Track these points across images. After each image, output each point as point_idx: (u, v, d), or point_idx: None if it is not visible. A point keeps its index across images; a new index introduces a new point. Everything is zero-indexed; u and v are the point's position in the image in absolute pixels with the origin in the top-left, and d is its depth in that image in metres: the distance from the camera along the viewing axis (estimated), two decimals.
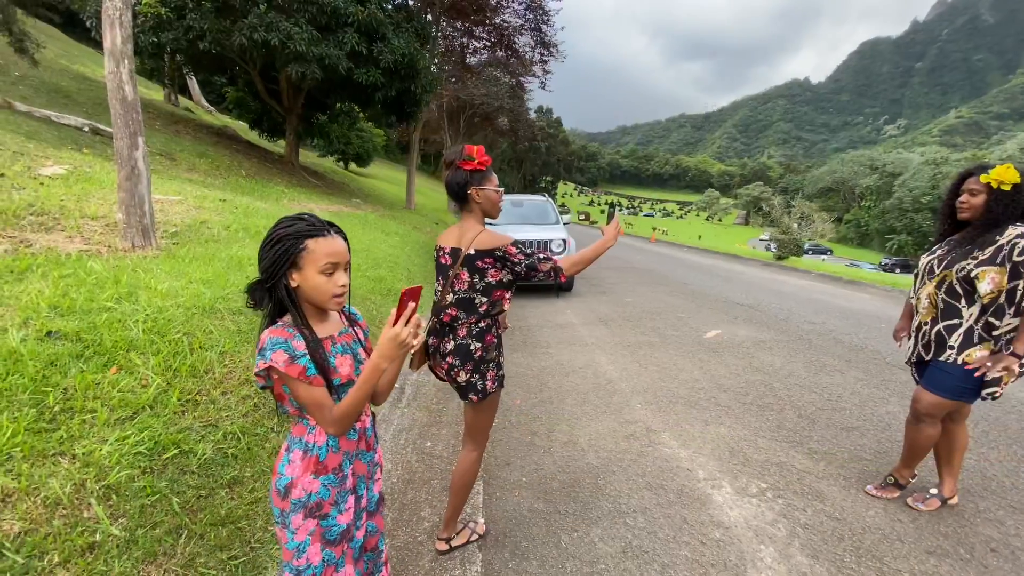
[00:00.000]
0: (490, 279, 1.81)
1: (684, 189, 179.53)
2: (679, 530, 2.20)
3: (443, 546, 2.02)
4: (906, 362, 2.46)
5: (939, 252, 2.33)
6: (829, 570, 1.97)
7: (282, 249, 1.09)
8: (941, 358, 2.22)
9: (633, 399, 3.68)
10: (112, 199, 4.61)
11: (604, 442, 3.00)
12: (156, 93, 19.27)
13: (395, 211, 15.72)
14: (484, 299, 1.82)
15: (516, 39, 20.16)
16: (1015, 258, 2.03)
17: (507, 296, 1.88)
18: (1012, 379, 2.09)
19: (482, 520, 2.21)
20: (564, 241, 7.70)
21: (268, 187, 10.28)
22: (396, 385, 3.72)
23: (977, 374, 2.11)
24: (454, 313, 1.84)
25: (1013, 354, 2.07)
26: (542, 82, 22.46)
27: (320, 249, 1.11)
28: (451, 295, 1.85)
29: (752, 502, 2.43)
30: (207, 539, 1.76)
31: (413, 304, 1.12)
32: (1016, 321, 2.07)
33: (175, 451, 1.97)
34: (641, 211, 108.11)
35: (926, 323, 2.31)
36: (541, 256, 1.80)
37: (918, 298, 2.38)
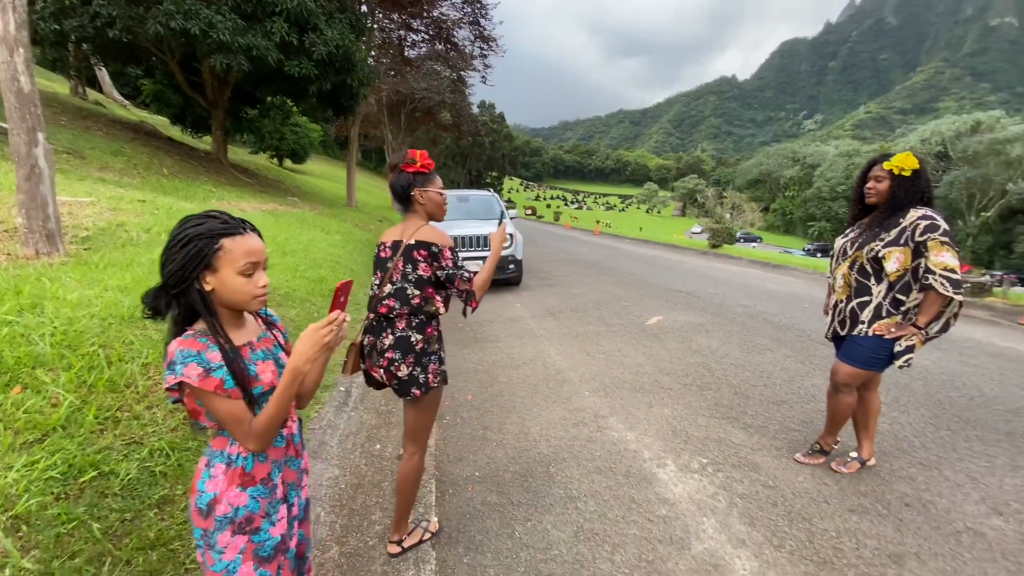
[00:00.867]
0: (421, 272, 1.80)
1: (625, 183, 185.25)
2: (628, 510, 2.28)
3: (395, 548, 1.98)
4: (825, 337, 2.67)
5: (851, 235, 2.54)
6: (764, 535, 2.11)
7: (194, 250, 1.01)
8: (855, 332, 2.43)
9: (582, 387, 3.77)
10: (10, 202, 4.15)
11: (555, 431, 3.05)
12: (61, 86, 17.49)
13: (335, 209, 15.17)
14: (416, 292, 1.80)
15: (455, 33, 19.97)
16: (917, 238, 2.24)
17: (438, 298, 1.85)
18: (920, 347, 2.31)
19: (435, 518, 2.19)
20: (511, 236, 7.73)
21: (194, 186, 9.62)
22: (341, 388, 3.61)
23: (886, 336, 2.31)
24: (391, 304, 1.80)
25: (914, 325, 2.29)
26: (483, 76, 22.40)
27: (238, 248, 1.04)
28: (389, 286, 1.82)
29: (694, 477, 2.55)
30: (135, 565, 1.64)
31: (343, 299, 1.08)
32: (921, 296, 2.29)
33: (93, 473, 1.81)
34: (586, 205, 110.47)
35: (842, 301, 2.51)
36: (465, 275, 1.82)
37: (834, 278, 2.58)
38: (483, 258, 7.41)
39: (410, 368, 1.79)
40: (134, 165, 9.35)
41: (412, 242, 1.81)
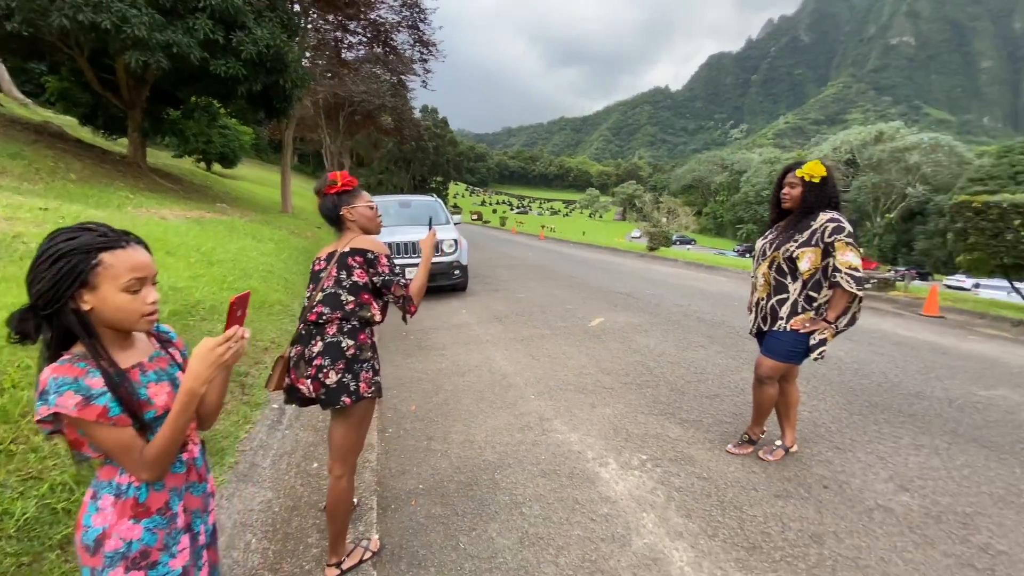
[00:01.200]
0: (356, 278, 1.78)
1: (568, 188, 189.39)
2: (572, 511, 2.31)
3: (333, 572, 1.89)
4: (750, 333, 2.84)
5: (770, 237, 2.72)
6: (700, 525, 2.21)
7: (67, 267, 0.91)
8: (775, 328, 2.60)
9: (527, 391, 3.79)
10: None
11: (500, 437, 3.04)
12: None
13: (269, 215, 14.45)
14: (351, 297, 1.77)
15: (394, 36, 19.67)
16: (826, 239, 2.44)
17: (375, 305, 1.82)
18: (831, 340, 2.51)
19: (376, 536, 2.12)
20: (456, 242, 7.68)
21: (107, 192, 8.84)
22: (275, 406, 3.42)
23: (801, 331, 2.50)
24: (321, 310, 1.75)
25: (826, 319, 2.49)
26: (423, 81, 22.20)
27: (120, 263, 0.95)
28: (320, 294, 1.78)
29: (635, 474, 2.63)
30: None
31: (241, 313, 1.02)
32: (831, 292, 2.49)
33: None
34: (531, 210, 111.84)
35: (763, 299, 2.68)
36: (402, 281, 1.84)
37: (756, 277, 2.75)
38: None
39: (340, 375, 1.72)
40: (36, 170, 8.47)
41: (347, 249, 1.81)
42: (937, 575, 1.89)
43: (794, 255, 2.51)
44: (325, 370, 1.71)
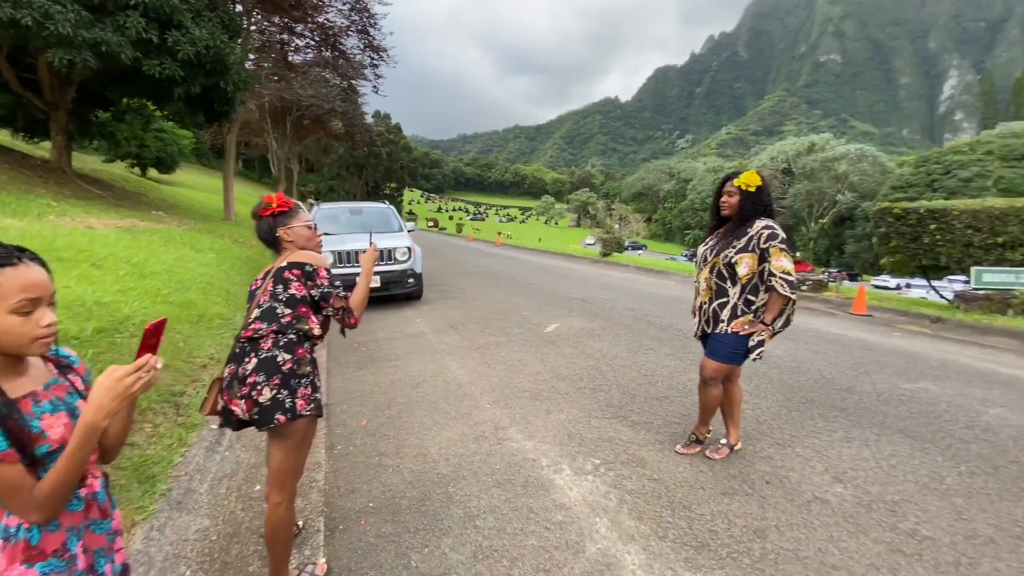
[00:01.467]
0: (293, 291, 1.74)
1: (524, 195, 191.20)
2: (526, 521, 2.29)
3: None
4: (694, 336, 2.94)
5: (711, 243, 2.83)
6: (651, 527, 2.24)
7: None
8: (717, 331, 2.70)
9: (482, 400, 3.76)
10: None
11: (454, 448, 2.99)
12: None
13: (210, 223, 13.74)
14: (287, 310, 1.71)
15: (343, 40, 19.26)
16: (761, 245, 2.56)
17: (314, 319, 1.76)
18: (768, 341, 2.63)
19: (323, 560, 2.02)
20: (409, 249, 7.55)
21: (26, 200, 8.14)
22: (213, 427, 3.23)
23: (741, 333, 2.61)
24: (257, 326, 1.68)
25: (763, 322, 2.61)
26: (374, 86, 21.84)
27: (10, 283, 0.87)
28: (256, 310, 1.71)
29: (588, 479, 2.65)
30: None
31: (155, 341, 0.95)
32: (767, 296, 2.61)
33: None
34: (487, 216, 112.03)
35: (705, 302, 2.78)
36: (342, 293, 1.82)
37: (699, 282, 2.85)
38: (380, 273, 7.16)
39: (274, 391, 1.63)
40: None
41: (283, 264, 1.77)
42: (870, 562, 2.00)
43: (733, 261, 2.62)
44: (259, 387, 1.62)
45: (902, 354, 5.27)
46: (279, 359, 1.65)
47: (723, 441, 2.96)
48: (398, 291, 7.47)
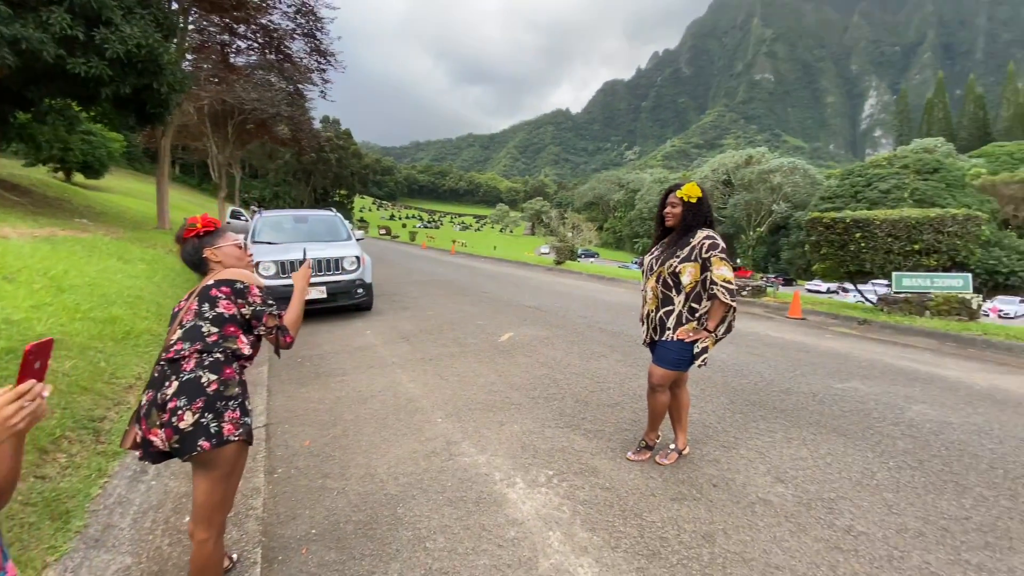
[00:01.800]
0: (221, 310, 1.62)
1: (479, 204, 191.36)
2: (478, 539, 2.23)
3: None
4: (643, 343, 2.98)
5: (656, 253, 2.88)
6: (604, 538, 2.23)
7: None
8: (664, 338, 2.75)
9: (434, 414, 3.66)
10: None
11: (404, 466, 2.88)
12: None
13: (142, 232, 12.84)
14: (214, 329, 1.59)
15: (288, 43, 18.63)
16: (703, 255, 2.64)
17: (243, 340, 1.64)
18: (712, 347, 2.71)
19: None
20: (358, 259, 7.32)
21: None
22: (136, 453, 2.95)
23: (686, 340, 2.66)
24: (178, 347, 1.55)
25: (706, 329, 2.68)
26: (322, 91, 21.25)
27: None
28: (179, 331, 1.58)
29: (541, 491, 2.61)
30: None
31: (40, 365, 0.83)
32: (710, 304, 2.68)
33: None
34: (441, 224, 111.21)
35: (652, 311, 2.83)
36: (275, 311, 1.73)
37: (646, 291, 2.90)
38: (326, 283, 6.90)
39: (197, 415, 1.49)
40: None
41: (210, 282, 1.66)
42: (810, 560, 2.07)
43: (677, 270, 2.68)
44: (180, 412, 1.48)
45: (834, 355, 5.60)
46: (203, 380, 1.52)
47: (672, 446, 3.01)
48: (346, 302, 7.21)
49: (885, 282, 8.78)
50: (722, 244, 2.65)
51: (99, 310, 4.77)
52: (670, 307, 2.72)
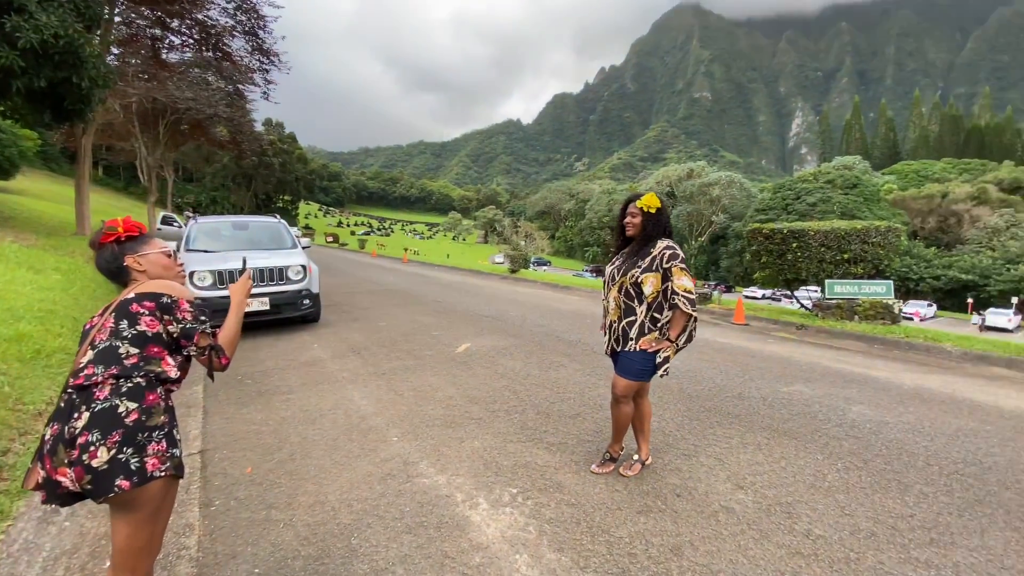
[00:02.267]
0: (144, 327, 1.41)
1: (431, 211, 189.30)
2: (441, 568, 2.09)
3: None
4: (605, 353, 2.96)
5: (617, 263, 2.87)
6: (572, 558, 2.15)
7: None
8: (627, 349, 2.73)
9: (390, 432, 3.47)
10: None
11: (358, 492, 2.69)
12: None
13: (58, 238, 11.70)
14: (134, 350, 1.39)
15: (227, 41, 17.70)
16: (664, 265, 2.65)
17: (169, 362, 1.45)
18: (673, 356, 2.72)
19: None
20: (304, 268, 6.96)
21: None
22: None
23: (649, 350, 2.66)
24: (89, 371, 1.33)
25: (668, 338, 2.69)
26: (265, 92, 20.31)
27: None
28: (90, 352, 1.36)
29: (506, 511, 2.51)
30: None
31: None
32: (671, 313, 2.69)
33: None
34: (392, 232, 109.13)
35: (615, 321, 2.81)
36: (209, 330, 1.53)
37: (608, 301, 2.88)
38: (269, 294, 6.50)
39: (114, 450, 1.28)
40: None
41: (130, 295, 1.45)
42: (775, 567, 2.09)
43: (639, 280, 2.68)
44: (93, 448, 1.27)
45: (777, 359, 5.86)
46: (121, 410, 1.31)
47: (635, 457, 3.00)
48: (291, 314, 6.83)
49: (815, 288, 9.36)
50: (681, 254, 2.67)
51: (4, 326, 4.23)
52: (632, 317, 2.71)
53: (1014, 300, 33.71)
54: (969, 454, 3.21)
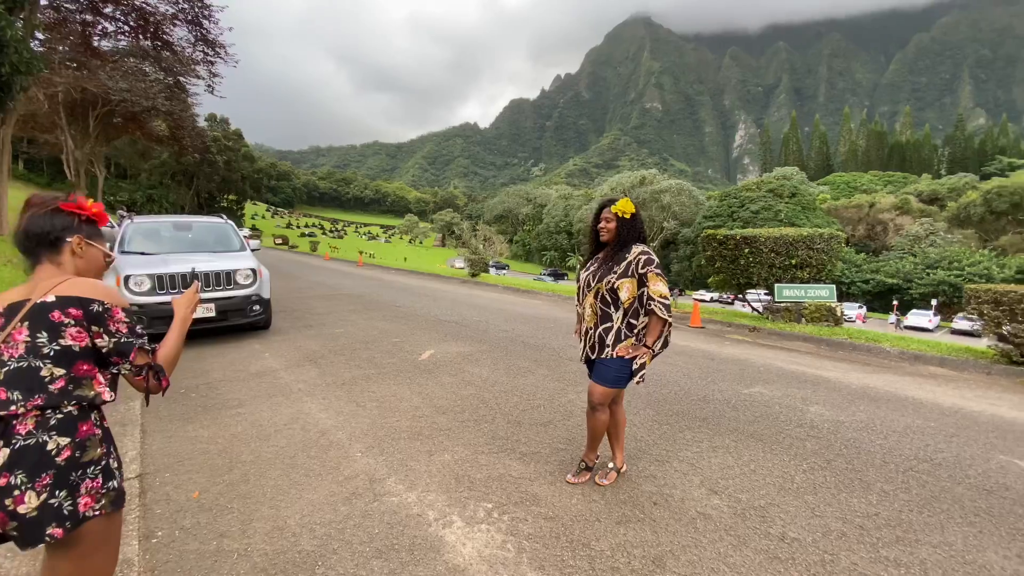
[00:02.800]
0: (69, 341, 1.20)
1: (386, 213, 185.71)
2: None
3: None
4: (580, 360, 2.91)
5: (592, 268, 2.83)
6: None
7: None
8: (603, 356, 2.69)
9: (353, 448, 3.27)
10: None
11: (321, 514, 2.49)
12: None
13: None
14: (59, 371, 1.17)
15: (168, 29, 16.64)
16: (640, 271, 2.62)
17: (102, 381, 1.25)
18: (650, 363, 2.69)
19: None
20: (253, 271, 6.55)
21: None
22: None
23: (626, 357, 2.62)
24: (3, 397, 1.12)
25: (645, 344, 2.66)
26: (209, 85, 19.24)
27: None
28: None
29: (482, 528, 2.39)
30: None
31: None
32: (648, 319, 2.67)
33: None
34: (345, 234, 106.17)
35: (591, 328, 2.76)
36: (147, 345, 1.33)
37: (583, 307, 2.83)
38: (216, 300, 6.07)
39: (44, 495, 1.10)
40: None
41: (50, 299, 1.20)
42: (756, 574, 2.08)
43: (615, 286, 2.65)
44: (19, 492, 1.07)
45: (735, 361, 6.04)
46: (51, 447, 1.11)
47: (610, 465, 2.95)
48: (239, 321, 6.41)
49: (764, 292, 9.78)
50: (656, 259, 2.66)
51: None
52: (609, 323, 2.67)
53: (934, 302, 36.74)
54: (919, 451, 3.38)
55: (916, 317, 33.29)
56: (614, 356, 2.65)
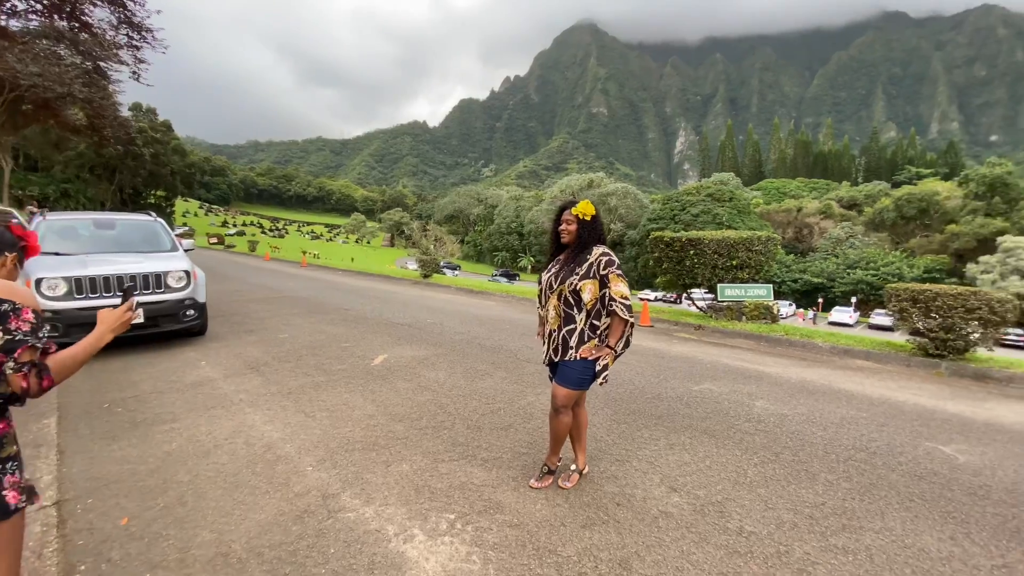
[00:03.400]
0: None
1: (330, 212, 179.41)
2: None
3: None
4: (543, 363, 2.88)
5: (553, 270, 2.81)
6: None
7: None
8: (567, 358, 2.67)
9: (303, 461, 3.08)
10: None
11: (270, 536, 2.32)
12: None
13: None
14: None
15: (87, 10, 15.24)
16: (601, 272, 2.63)
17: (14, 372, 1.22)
18: (612, 363, 2.70)
19: None
20: (187, 273, 6.08)
21: None
22: None
23: (590, 358, 2.62)
24: None
25: (607, 345, 2.67)
26: (135, 71, 17.78)
27: None
28: None
29: (445, 541, 2.30)
30: None
31: None
32: (610, 320, 2.68)
33: None
34: (287, 233, 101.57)
35: (554, 330, 2.74)
36: (39, 344, 1.28)
37: (546, 310, 2.80)
38: (143, 304, 5.59)
39: None
40: None
41: None
42: (718, 570, 2.12)
43: (578, 287, 2.64)
44: None
45: (684, 359, 6.25)
46: None
47: (572, 467, 2.95)
48: (172, 327, 5.93)
49: (707, 291, 10.23)
50: (617, 260, 2.68)
51: None
52: (572, 325, 2.66)
53: (853, 300, 39.96)
54: (856, 440, 3.61)
55: (838, 313, 36.06)
56: (577, 358, 2.64)
